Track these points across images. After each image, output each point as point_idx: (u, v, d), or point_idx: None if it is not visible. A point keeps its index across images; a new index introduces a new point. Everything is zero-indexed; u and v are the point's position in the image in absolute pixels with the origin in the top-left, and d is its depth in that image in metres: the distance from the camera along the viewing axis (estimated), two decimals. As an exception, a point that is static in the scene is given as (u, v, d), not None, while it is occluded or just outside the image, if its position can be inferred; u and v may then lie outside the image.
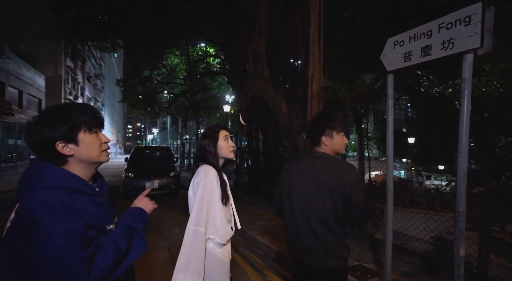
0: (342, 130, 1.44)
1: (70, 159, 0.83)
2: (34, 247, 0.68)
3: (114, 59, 46.73)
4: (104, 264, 0.75)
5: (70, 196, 0.77)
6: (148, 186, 6.63)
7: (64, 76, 18.01)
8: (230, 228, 1.32)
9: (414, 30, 1.89)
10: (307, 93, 5.40)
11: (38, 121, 0.79)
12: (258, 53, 6.72)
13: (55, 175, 0.79)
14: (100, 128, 0.89)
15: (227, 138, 1.40)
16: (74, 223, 0.73)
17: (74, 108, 0.83)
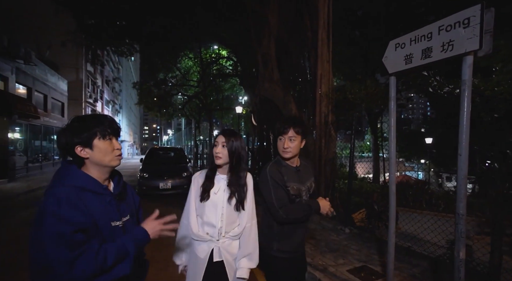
0: (278, 135, 1.57)
1: (87, 161, 0.99)
2: (36, 234, 0.85)
3: (131, 63, 48.31)
4: (84, 271, 0.85)
5: (79, 193, 0.91)
6: (162, 186, 6.85)
7: (85, 81, 18.87)
8: (203, 226, 1.41)
9: (414, 33, 1.89)
10: (316, 94, 5.41)
11: (66, 128, 0.97)
12: (268, 55, 6.79)
13: (73, 175, 0.95)
14: (115, 136, 1.03)
15: (216, 144, 1.44)
16: (67, 225, 0.85)
17: (93, 119, 0.99)
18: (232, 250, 1.43)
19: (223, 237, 1.40)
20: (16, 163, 10.77)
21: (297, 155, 1.57)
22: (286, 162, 1.59)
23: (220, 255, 1.39)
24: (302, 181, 1.59)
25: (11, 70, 10.32)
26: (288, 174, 1.56)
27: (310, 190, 1.63)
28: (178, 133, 38.41)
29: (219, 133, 1.47)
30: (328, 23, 5.44)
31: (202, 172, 1.51)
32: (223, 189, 1.43)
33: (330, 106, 5.36)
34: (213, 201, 1.41)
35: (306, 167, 1.66)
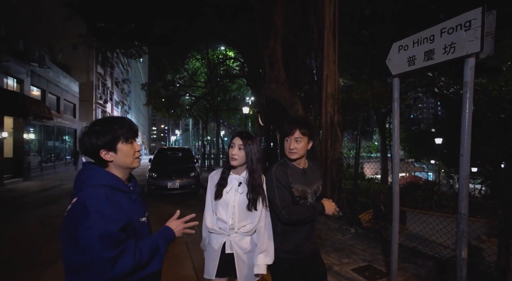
0: (285, 136, 1.59)
1: (110, 164, 1.03)
2: (78, 232, 0.87)
3: (140, 64, 49.10)
4: (124, 267, 0.90)
5: (112, 192, 0.96)
6: (170, 186, 6.99)
7: (95, 82, 19.33)
8: (217, 221, 1.53)
9: (417, 35, 1.92)
10: (322, 95, 5.43)
11: (88, 132, 1.00)
12: (274, 57, 6.84)
13: (100, 175, 0.99)
14: (134, 138, 1.08)
15: (233, 146, 1.51)
16: (112, 224, 0.89)
17: (115, 122, 1.03)
18: (243, 244, 1.51)
19: (235, 232, 1.51)
20: (31, 163, 11.14)
21: (303, 156, 1.58)
22: (293, 163, 1.59)
23: (231, 248, 1.50)
24: (308, 183, 1.59)
25: (27, 73, 10.69)
26: (294, 176, 1.56)
27: (316, 193, 1.62)
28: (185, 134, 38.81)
29: (236, 134, 1.53)
30: (333, 24, 5.45)
31: (219, 170, 1.60)
32: (234, 189, 1.51)
33: (336, 107, 5.37)
34: (225, 199, 1.50)
35: (313, 169, 1.65)
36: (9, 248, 3.74)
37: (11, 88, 9.95)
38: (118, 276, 0.89)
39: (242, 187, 1.52)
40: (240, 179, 1.54)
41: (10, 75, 9.81)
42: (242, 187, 1.52)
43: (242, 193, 1.51)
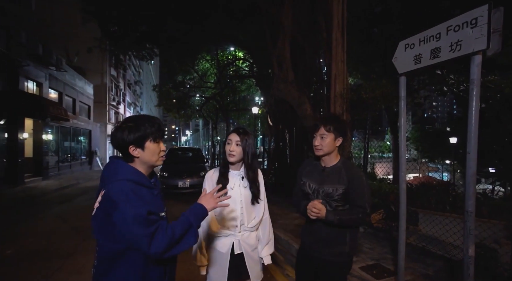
0: (312, 133, 1.60)
1: (136, 160, 1.10)
2: (114, 220, 0.96)
3: (151, 66, 50.05)
4: (160, 244, 0.96)
5: (136, 186, 1.03)
6: (181, 185, 7.14)
7: (109, 84, 19.89)
8: (226, 221, 1.51)
9: (423, 33, 1.92)
10: (331, 94, 5.42)
11: (121, 127, 1.07)
12: (282, 57, 6.87)
13: (126, 170, 1.06)
14: (162, 139, 1.14)
15: (230, 142, 1.52)
16: (141, 208, 0.97)
17: (146, 121, 1.09)
18: (251, 241, 1.55)
19: (244, 230, 1.52)
20: (49, 162, 11.61)
21: (329, 153, 1.51)
22: (318, 161, 1.60)
23: (240, 247, 1.51)
24: (321, 183, 1.52)
25: (45, 76, 11.15)
26: (311, 171, 1.60)
27: (332, 196, 1.48)
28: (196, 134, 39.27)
29: (232, 131, 1.56)
30: (342, 23, 5.43)
31: (215, 170, 1.60)
32: (238, 184, 1.53)
33: (345, 106, 5.34)
34: (231, 196, 1.48)
35: (337, 171, 1.51)
36: (31, 242, 3.95)
37: (31, 91, 10.41)
38: (157, 252, 0.96)
39: (245, 181, 1.55)
40: (241, 173, 1.56)
41: (30, 79, 10.26)
42: (245, 181, 1.55)
43: (246, 187, 1.54)
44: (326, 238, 1.51)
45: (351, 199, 1.47)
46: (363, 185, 1.46)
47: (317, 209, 1.40)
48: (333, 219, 1.41)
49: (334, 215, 1.42)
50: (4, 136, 9.08)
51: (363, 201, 1.44)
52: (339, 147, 1.55)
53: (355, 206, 1.45)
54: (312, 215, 1.42)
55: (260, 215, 1.58)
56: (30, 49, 9.68)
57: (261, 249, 1.61)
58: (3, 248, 3.70)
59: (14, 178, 9.10)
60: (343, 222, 1.42)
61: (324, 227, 1.49)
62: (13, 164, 9.17)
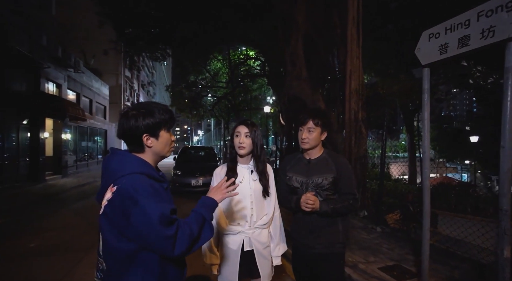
0: (299, 126, 1.59)
1: (147, 150, 0.99)
2: (131, 220, 0.85)
3: (164, 67, 51.00)
4: (183, 244, 0.88)
5: (149, 180, 0.91)
6: (194, 183, 7.19)
7: (123, 85, 20.40)
8: (235, 217, 1.46)
9: (450, 21, 1.82)
10: (346, 91, 5.29)
11: (133, 113, 0.95)
12: (295, 54, 6.78)
13: (136, 162, 0.94)
14: (171, 128, 1.07)
15: (238, 134, 1.47)
16: (165, 206, 0.88)
17: (160, 109, 1.00)
18: (262, 239, 1.49)
19: (254, 227, 1.46)
20: (68, 161, 12.02)
21: (315, 146, 1.54)
22: (302, 154, 1.62)
23: (250, 244, 1.46)
24: (309, 174, 1.53)
25: (64, 78, 11.55)
26: (296, 165, 1.61)
27: (322, 186, 1.49)
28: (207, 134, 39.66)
29: (239, 123, 1.51)
30: (357, 18, 5.29)
31: (223, 166, 1.55)
32: (247, 178, 1.48)
33: (360, 103, 5.21)
34: (240, 191, 1.41)
35: (323, 161, 1.54)
36: (52, 236, 4.09)
37: (51, 92, 10.81)
38: (181, 253, 0.89)
39: (254, 174, 1.50)
40: (250, 167, 1.51)
41: (50, 80, 10.65)
42: (255, 175, 1.49)
43: (256, 180, 1.49)
44: (318, 229, 1.51)
45: (341, 186, 1.51)
46: (351, 171, 1.54)
47: (312, 201, 1.41)
48: (327, 209, 1.43)
49: (327, 204, 1.44)
50: (27, 136, 9.47)
51: (352, 187, 1.50)
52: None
53: (345, 193, 1.50)
54: (307, 207, 1.42)
55: (271, 211, 1.53)
56: (50, 52, 10.05)
57: (273, 249, 1.57)
58: (27, 241, 3.85)
59: (36, 176, 9.47)
60: (336, 210, 1.45)
61: (316, 217, 1.50)
62: (35, 162, 9.54)
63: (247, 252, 1.45)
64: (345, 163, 1.54)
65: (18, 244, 3.77)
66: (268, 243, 1.53)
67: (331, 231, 1.50)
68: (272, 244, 1.57)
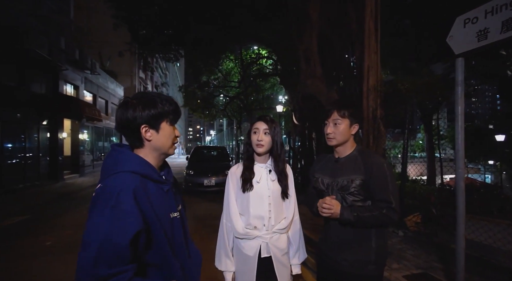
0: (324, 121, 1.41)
1: (147, 144, 0.88)
2: (86, 224, 0.74)
3: (177, 68, 51.79)
4: None
5: (142, 181, 0.81)
6: (206, 183, 7.15)
7: (138, 86, 20.83)
8: (251, 220, 1.33)
9: (491, 3, 1.62)
10: (363, 88, 5.07)
11: (131, 103, 0.85)
12: (309, 51, 6.60)
13: (130, 160, 0.84)
14: (175, 123, 0.97)
15: (257, 131, 1.36)
16: (128, 229, 0.72)
17: (164, 99, 0.89)
18: (280, 245, 1.37)
19: (272, 232, 1.35)
20: (85, 161, 12.36)
21: (343, 142, 1.32)
22: (332, 153, 1.43)
23: (268, 250, 1.34)
24: (334, 175, 1.33)
25: (81, 79, 11.88)
26: (323, 165, 1.43)
27: (347, 188, 1.26)
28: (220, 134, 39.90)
29: (258, 119, 1.41)
30: (375, 11, 5.06)
31: (239, 165, 1.45)
32: (265, 178, 1.37)
33: (378, 100, 4.97)
34: (257, 191, 1.34)
35: (352, 160, 1.31)
36: (69, 234, 4.16)
37: (69, 93, 11.14)
38: None
39: (272, 174, 1.39)
40: (268, 166, 1.40)
41: (68, 82, 10.98)
42: (273, 174, 1.38)
43: (274, 181, 1.38)
44: (345, 242, 1.26)
45: (372, 192, 1.23)
46: (386, 174, 1.22)
47: (329, 205, 1.21)
48: (349, 217, 1.19)
49: (350, 211, 1.19)
50: (46, 136, 9.79)
51: (387, 193, 1.19)
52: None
53: (377, 201, 1.22)
54: (323, 212, 1.24)
55: (290, 214, 1.42)
56: (68, 54, 10.34)
57: (292, 256, 1.45)
58: (44, 239, 3.91)
59: (55, 175, 9.78)
60: (362, 219, 1.18)
61: (340, 227, 1.26)
62: (54, 162, 9.85)
63: (264, 259, 1.33)
64: (378, 162, 1.25)
65: (35, 242, 3.83)
66: (286, 249, 1.41)
67: (361, 247, 1.24)
68: (291, 250, 1.45)
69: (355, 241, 1.25)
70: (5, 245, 3.73)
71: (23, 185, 8.17)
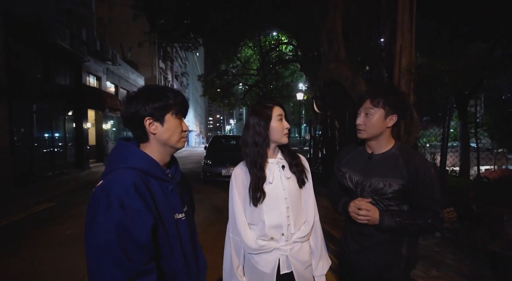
0: (356, 109, 1.20)
1: (152, 138, 0.84)
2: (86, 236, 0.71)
3: (196, 57, 51.98)
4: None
5: (144, 179, 0.78)
6: (224, 173, 7.05)
7: (158, 77, 21.10)
8: (267, 231, 1.08)
9: None
10: (394, 71, 4.58)
11: (136, 95, 0.83)
12: (333, 32, 6.09)
13: (133, 155, 0.81)
14: (183, 116, 0.91)
15: (282, 118, 1.13)
16: (141, 223, 0.72)
17: (169, 91, 0.87)
18: (302, 256, 1.12)
19: (292, 242, 1.10)
20: (109, 150, 12.83)
21: (376, 136, 1.12)
22: (362, 146, 1.23)
23: (288, 265, 1.09)
24: (368, 174, 1.14)
25: (103, 71, 12.14)
26: (352, 159, 1.24)
27: (381, 193, 1.09)
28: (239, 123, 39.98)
29: (274, 103, 1.14)
30: (411, -17, 4.46)
31: (242, 165, 1.18)
32: (278, 176, 1.12)
33: (411, 84, 4.47)
34: (272, 195, 1.09)
35: (391, 159, 1.11)
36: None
37: (92, 85, 11.45)
38: None
39: (287, 170, 1.14)
40: (279, 161, 1.15)
41: (91, 73, 11.26)
42: (287, 171, 1.14)
43: (290, 178, 1.13)
44: (372, 245, 1.14)
45: (416, 199, 1.07)
46: (433, 180, 1.05)
47: (365, 210, 1.06)
48: (391, 223, 1.03)
49: (391, 217, 1.04)
50: (72, 127, 10.20)
51: (434, 203, 1.04)
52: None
53: (422, 209, 1.06)
54: (359, 219, 1.07)
55: (311, 217, 1.16)
56: (90, 46, 10.54)
57: (315, 266, 1.18)
58: (65, 228, 4.00)
59: (81, 163, 10.23)
60: (404, 227, 1.03)
61: (367, 230, 1.13)
62: (80, 151, 10.29)
63: (284, 275, 1.09)
64: (426, 166, 1.06)
65: (56, 230, 3.93)
66: (310, 261, 1.16)
67: (390, 252, 1.11)
68: (313, 260, 1.18)
69: (383, 245, 1.12)
70: (31, 232, 3.86)
71: (52, 173, 8.60)
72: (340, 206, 1.20)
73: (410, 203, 1.10)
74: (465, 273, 2.28)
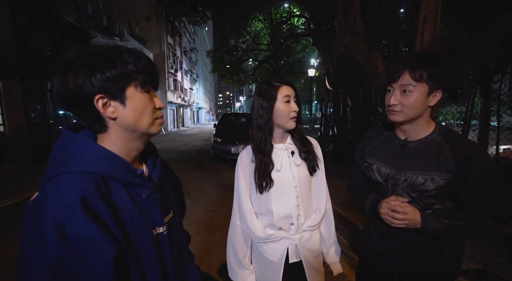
0: (387, 85, 0.95)
1: (112, 125, 0.58)
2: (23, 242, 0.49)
3: (205, 32, 50.38)
4: None
5: (101, 186, 0.53)
6: (234, 151, 7.07)
7: (166, 53, 20.72)
8: (276, 221, 1.03)
9: None
10: (415, 44, 4.24)
11: (75, 62, 0.53)
12: (349, 3, 5.64)
13: (86, 152, 0.54)
14: (153, 88, 0.63)
15: (290, 99, 1.00)
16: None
17: (126, 52, 0.57)
18: (312, 245, 1.08)
19: (302, 231, 1.06)
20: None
21: (414, 118, 0.89)
22: (391, 131, 1.02)
23: (297, 254, 1.06)
24: (402, 166, 0.93)
25: (110, 47, 11.99)
26: (380, 147, 1.03)
27: (421, 189, 0.88)
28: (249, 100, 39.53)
29: (283, 83, 1.02)
30: None
31: (247, 149, 1.11)
32: (287, 163, 1.04)
33: (435, 60, 4.15)
34: (280, 183, 1.02)
35: (432, 147, 0.89)
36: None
37: (101, 61, 11.37)
38: None
39: (296, 156, 1.06)
40: (288, 146, 1.06)
41: (99, 50, 11.13)
42: (296, 157, 1.06)
43: (300, 165, 1.05)
44: (407, 250, 0.95)
45: (468, 196, 0.86)
46: (491, 171, 0.83)
47: (403, 213, 0.86)
48: (438, 226, 0.84)
49: (438, 219, 0.85)
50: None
51: (493, 200, 0.84)
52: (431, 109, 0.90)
53: (476, 208, 0.85)
54: (395, 223, 0.88)
55: (322, 205, 1.10)
56: (96, 21, 10.29)
57: (326, 253, 1.14)
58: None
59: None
60: (454, 230, 0.84)
61: (405, 232, 0.92)
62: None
63: (293, 264, 1.06)
64: (478, 156, 0.84)
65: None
66: (320, 249, 1.13)
67: (430, 259, 0.93)
68: (324, 248, 1.15)
69: (421, 251, 0.93)
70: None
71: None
72: (368, 204, 1.02)
73: (456, 199, 0.90)
74: (479, 258, 2.23)
